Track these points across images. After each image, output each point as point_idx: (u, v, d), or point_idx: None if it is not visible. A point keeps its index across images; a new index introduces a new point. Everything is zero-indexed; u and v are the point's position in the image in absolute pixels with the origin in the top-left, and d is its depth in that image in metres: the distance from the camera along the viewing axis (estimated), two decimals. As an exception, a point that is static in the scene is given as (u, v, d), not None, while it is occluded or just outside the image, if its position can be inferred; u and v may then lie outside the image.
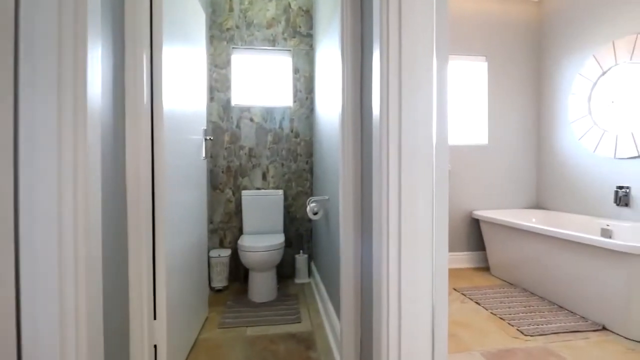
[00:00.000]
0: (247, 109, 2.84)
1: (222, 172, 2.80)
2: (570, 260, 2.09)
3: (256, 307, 2.26)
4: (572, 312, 2.09)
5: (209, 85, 2.75)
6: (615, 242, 1.78)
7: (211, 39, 2.79)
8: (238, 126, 2.83)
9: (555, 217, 2.91)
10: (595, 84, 2.62)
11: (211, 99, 2.79)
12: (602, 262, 1.89)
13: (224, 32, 2.81)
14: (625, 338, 1.79)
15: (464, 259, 3.09)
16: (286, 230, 2.90)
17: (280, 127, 2.88)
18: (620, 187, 2.44)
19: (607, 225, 2.46)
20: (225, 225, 2.80)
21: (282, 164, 2.89)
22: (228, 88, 2.81)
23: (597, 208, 2.63)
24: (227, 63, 2.81)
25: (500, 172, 3.16)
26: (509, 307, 2.17)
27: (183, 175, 1.65)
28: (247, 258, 2.26)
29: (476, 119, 3.17)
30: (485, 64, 3.13)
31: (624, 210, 2.43)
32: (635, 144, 2.32)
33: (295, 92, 2.90)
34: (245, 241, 2.36)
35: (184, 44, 1.66)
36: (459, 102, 3.14)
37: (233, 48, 2.84)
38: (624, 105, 2.43)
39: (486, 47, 3.12)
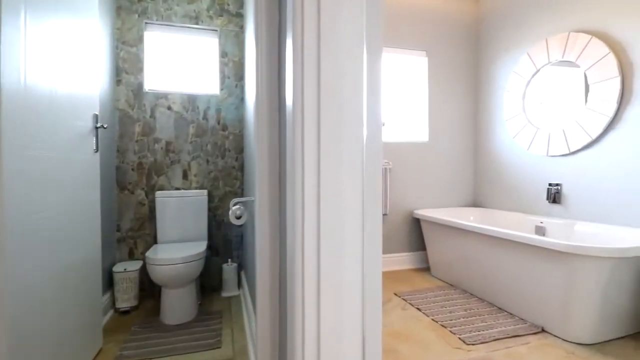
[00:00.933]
0: (164, 96, 2.43)
1: (132, 169, 2.36)
2: (507, 260, 2.02)
3: (169, 331, 1.88)
4: (511, 314, 2.02)
5: (113, 65, 2.29)
6: (553, 241, 1.72)
7: (118, 10, 2.33)
8: (152, 115, 2.40)
9: (491, 215, 2.91)
10: (529, 81, 2.63)
11: (118, 82, 2.33)
12: (539, 262, 1.83)
13: (135, 4, 2.36)
14: (564, 340, 1.73)
15: (406, 260, 2.98)
16: (212, 237, 2.54)
17: (205, 118, 2.51)
18: (552, 185, 2.47)
19: (541, 223, 2.47)
20: (135, 233, 2.36)
21: (208, 161, 2.52)
22: (140, 70, 2.37)
23: (531, 205, 2.65)
24: (139, 40, 2.37)
25: (441, 170, 3.10)
26: (450, 312, 2.05)
27: (54, 171, 1.25)
28: (156, 273, 1.87)
29: (417, 115, 3.07)
30: (426, 59, 3.04)
31: (555, 207, 2.46)
32: (567, 141, 2.34)
33: (223, 78, 2.55)
34: (156, 252, 1.97)
35: (54, 10, 1.25)
36: (401, 97, 3.02)
37: (146, 23, 2.41)
38: (555, 103, 2.45)
39: (427, 41, 3.03)
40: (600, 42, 2.11)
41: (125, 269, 2.12)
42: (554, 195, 2.44)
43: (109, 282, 2.14)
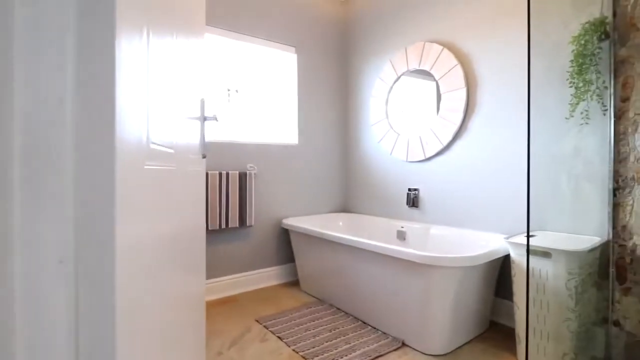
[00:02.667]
0: None
1: None
2: (368, 271, 1.91)
3: None
4: (375, 329, 1.91)
5: None
6: (408, 252, 1.64)
7: None
8: None
9: (359, 221, 2.87)
10: (391, 88, 2.66)
11: None
12: (397, 272, 1.75)
13: None
14: (423, 354, 1.68)
15: (274, 275, 2.69)
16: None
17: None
18: (412, 189, 2.52)
19: (402, 227, 2.50)
20: None
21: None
22: None
23: (395, 210, 2.68)
24: None
25: (312, 174, 2.92)
26: (314, 337, 1.82)
27: None
28: None
29: (286, 115, 2.83)
30: (295, 56, 2.82)
31: (415, 211, 2.52)
32: (423, 148, 2.40)
33: None
34: None
35: None
36: (268, 94, 2.72)
37: None
38: (414, 110, 2.51)
39: (296, 37, 2.81)
40: (450, 54, 2.21)
41: None
42: (413, 200, 2.50)
43: None
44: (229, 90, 2.52)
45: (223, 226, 2.31)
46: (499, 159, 2.03)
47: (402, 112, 2.59)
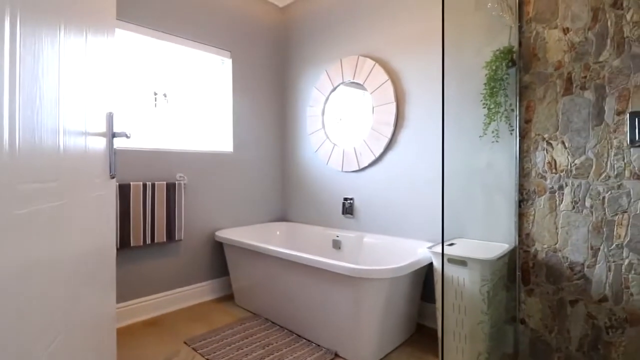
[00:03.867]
0: None
1: None
2: (302, 283, 1.91)
3: None
4: (309, 341, 1.91)
5: None
6: (339, 265, 1.67)
7: None
8: None
9: (296, 230, 2.86)
10: (327, 98, 2.69)
11: None
12: (330, 284, 1.77)
13: None
14: (353, 364, 1.71)
15: (207, 290, 2.56)
16: None
17: None
18: (347, 199, 2.57)
19: (337, 237, 2.54)
20: None
21: None
22: None
23: (331, 219, 2.71)
24: None
25: (249, 183, 2.84)
26: (246, 356, 1.76)
27: None
28: None
29: (221, 122, 2.72)
30: (230, 61, 2.73)
31: (350, 220, 2.57)
32: (357, 159, 2.47)
33: None
34: None
35: None
36: (201, 100, 2.59)
37: None
38: (349, 122, 2.57)
39: (231, 41, 2.72)
40: (382, 69, 2.30)
41: None
42: (348, 209, 2.55)
43: None
44: (156, 94, 2.35)
45: (148, 242, 2.14)
46: (426, 170, 2.15)
47: (339, 122, 2.64)
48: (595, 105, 1.49)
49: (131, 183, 2.08)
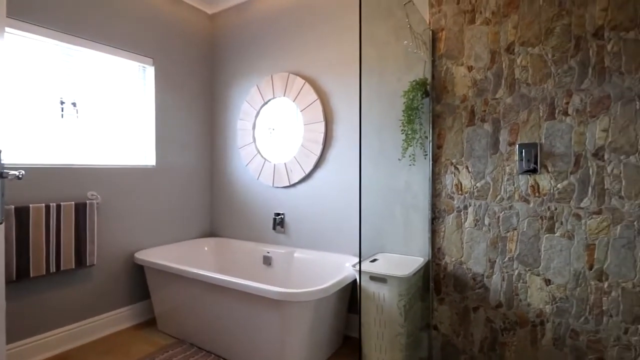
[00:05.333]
0: None
1: None
2: (228, 305, 1.87)
3: None
4: (237, 365, 1.87)
5: None
6: (267, 289, 1.67)
7: None
8: None
9: (226, 245, 2.78)
10: (258, 113, 2.67)
11: None
12: (257, 306, 1.76)
13: None
14: (281, 386, 1.72)
15: (126, 317, 2.36)
16: None
17: None
18: (278, 214, 2.58)
19: (268, 252, 2.53)
20: None
21: None
22: None
23: (262, 234, 2.69)
24: None
25: (174, 199, 2.69)
26: (169, 389, 1.67)
27: None
28: None
29: (141, 134, 2.53)
30: (152, 68, 2.56)
31: (281, 235, 2.58)
32: (288, 174, 2.49)
33: None
34: None
35: None
36: (118, 110, 2.38)
37: None
38: (280, 134, 2.58)
39: (154, 47, 2.55)
40: (311, 89, 2.35)
41: None
42: (279, 224, 2.56)
43: None
44: (62, 103, 2.11)
45: (53, 270, 1.91)
46: (352, 188, 2.25)
47: (272, 132, 2.62)
48: (492, 136, 1.71)
49: (30, 205, 1.83)
